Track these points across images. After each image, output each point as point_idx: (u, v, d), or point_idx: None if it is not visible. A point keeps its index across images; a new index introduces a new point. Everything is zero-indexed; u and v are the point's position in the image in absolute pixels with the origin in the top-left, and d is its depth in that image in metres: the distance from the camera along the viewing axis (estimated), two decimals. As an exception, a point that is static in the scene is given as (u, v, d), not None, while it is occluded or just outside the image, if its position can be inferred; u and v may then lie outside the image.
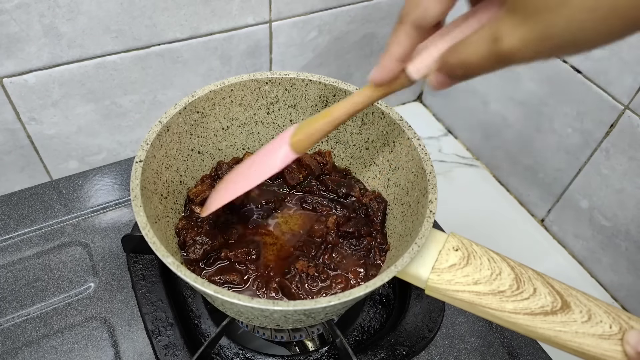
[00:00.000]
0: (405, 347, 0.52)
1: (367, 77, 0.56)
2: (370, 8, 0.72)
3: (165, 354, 0.49)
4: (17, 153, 0.62)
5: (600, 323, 0.38)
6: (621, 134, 0.57)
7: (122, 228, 0.60)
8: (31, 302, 0.53)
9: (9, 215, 0.60)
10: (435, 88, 0.32)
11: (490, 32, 0.26)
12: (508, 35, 0.25)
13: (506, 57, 0.26)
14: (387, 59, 0.33)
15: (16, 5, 0.51)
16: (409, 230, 0.46)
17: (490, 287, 0.40)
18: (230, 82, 0.51)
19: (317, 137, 0.41)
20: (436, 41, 0.31)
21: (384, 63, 0.34)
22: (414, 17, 0.30)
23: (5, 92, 0.56)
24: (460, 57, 0.29)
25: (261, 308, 0.36)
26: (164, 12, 0.58)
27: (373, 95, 0.37)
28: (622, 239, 0.61)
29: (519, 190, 0.75)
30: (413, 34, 0.31)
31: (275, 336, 0.54)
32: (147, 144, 0.45)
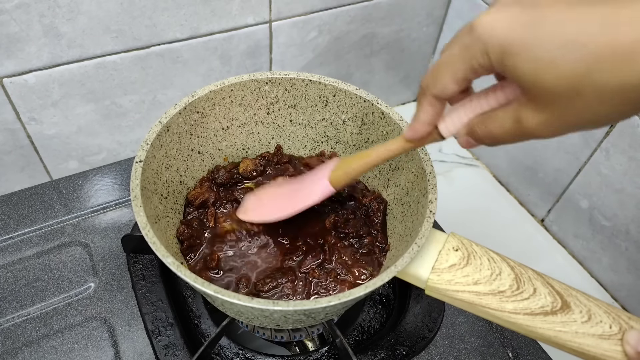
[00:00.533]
0: (405, 347, 0.52)
1: (366, 77, 0.56)
2: (370, 8, 0.72)
3: (165, 354, 0.49)
4: (17, 153, 0.62)
5: (600, 323, 0.38)
6: (621, 134, 0.57)
7: (122, 228, 0.60)
8: (31, 302, 0.53)
9: (9, 215, 0.60)
10: (464, 147, 0.36)
11: (513, 114, 0.30)
12: (529, 119, 0.29)
13: (528, 135, 0.30)
14: (418, 124, 0.36)
15: (16, 5, 0.51)
16: (409, 230, 0.46)
17: (490, 287, 0.40)
18: (230, 82, 0.51)
19: (353, 176, 0.45)
20: (465, 106, 0.34)
21: (414, 126, 0.37)
22: (434, 91, 0.33)
23: (5, 92, 0.56)
24: (487, 129, 0.32)
25: (261, 308, 0.36)
26: (164, 12, 0.58)
27: (406, 146, 0.40)
28: (622, 239, 0.61)
29: (519, 190, 0.75)
30: (435, 103, 0.34)
31: (275, 336, 0.54)
32: (147, 144, 0.45)
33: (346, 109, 0.54)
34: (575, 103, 0.26)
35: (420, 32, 0.80)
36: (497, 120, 0.31)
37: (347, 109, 0.54)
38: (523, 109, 0.29)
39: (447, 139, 0.37)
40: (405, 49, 0.81)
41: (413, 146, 0.39)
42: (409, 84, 0.88)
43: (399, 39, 0.79)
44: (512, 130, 0.30)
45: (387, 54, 0.80)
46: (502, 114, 0.31)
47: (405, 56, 0.82)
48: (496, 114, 0.31)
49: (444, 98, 0.34)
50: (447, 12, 0.79)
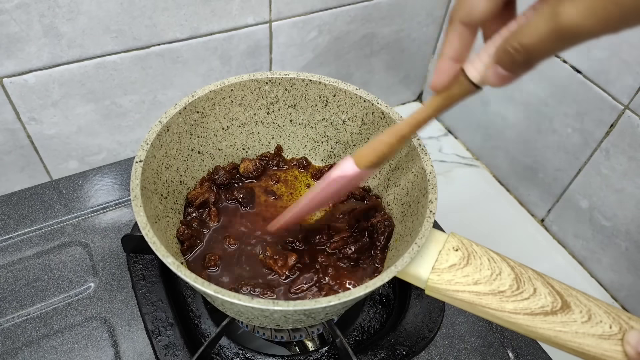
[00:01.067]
0: (405, 347, 0.52)
1: (366, 77, 0.56)
2: (370, 8, 0.72)
3: (165, 354, 0.49)
4: (17, 153, 0.62)
5: (600, 323, 0.38)
6: (621, 134, 0.57)
7: (122, 228, 0.60)
8: (31, 302, 0.53)
9: (9, 215, 0.60)
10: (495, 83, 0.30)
11: (549, 10, 0.25)
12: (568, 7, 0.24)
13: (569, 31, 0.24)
14: (442, 61, 0.32)
15: (16, 5, 0.51)
16: (409, 230, 0.46)
17: (490, 287, 0.40)
18: (230, 82, 0.51)
19: (381, 150, 0.39)
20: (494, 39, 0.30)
21: (439, 66, 0.32)
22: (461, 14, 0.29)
23: (5, 92, 0.56)
24: (520, 41, 0.27)
25: (261, 308, 0.36)
26: (164, 12, 0.58)
27: (435, 105, 0.35)
28: (622, 239, 0.61)
29: (519, 190, 0.75)
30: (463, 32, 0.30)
31: (275, 336, 0.54)
32: (147, 144, 0.45)
33: (346, 109, 0.54)
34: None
35: (420, 32, 0.80)
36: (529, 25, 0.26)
37: (347, 109, 0.54)
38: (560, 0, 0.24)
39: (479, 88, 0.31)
40: (405, 49, 0.81)
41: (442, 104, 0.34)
42: (409, 84, 0.88)
43: (399, 39, 0.79)
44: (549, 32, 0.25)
45: (387, 54, 0.80)
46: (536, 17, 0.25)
47: (405, 56, 0.82)
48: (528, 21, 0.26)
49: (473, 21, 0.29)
50: (447, 12, 0.79)
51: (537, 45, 0.26)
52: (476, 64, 0.31)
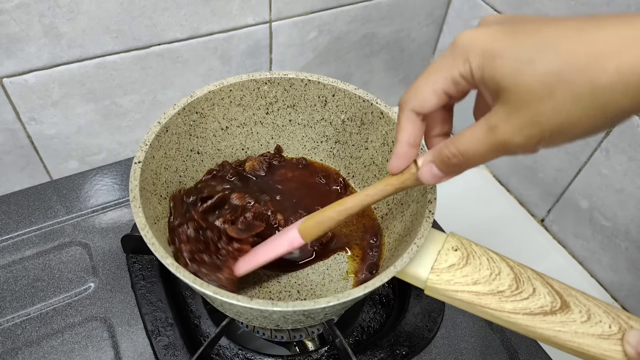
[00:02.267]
0: (405, 347, 0.52)
1: (366, 77, 0.56)
2: (370, 8, 0.72)
3: (165, 354, 0.49)
4: (17, 153, 0.62)
5: (599, 323, 0.38)
6: (621, 134, 0.57)
7: (122, 228, 0.60)
8: (31, 302, 0.53)
9: (9, 215, 0.60)
10: (427, 180, 0.34)
11: (486, 122, 0.29)
12: (502, 124, 0.28)
13: (501, 144, 0.28)
14: (398, 146, 0.35)
15: (16, 5, 0.51)
16: (408, 230, 0.46)
17: (490, 287, 0.40)
18: (229, 83, 0.51)
19: (326, 225, 0.42)
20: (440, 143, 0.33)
21: (397, 150, 0.36)
22: (412, 105, 0.33)
23: (5, 92, 0.56)
24: (457, 146, 0.31)
25: (260, 309, 0.36)
26: (164, 12, 0.58)
27: (385, 188, 0.38)
28: (622, 239, 0.61)
29: (519, 190, 0.75)
30: (414, 119, 0.34)
31: (275, 336, 0.54)
32: (146, 144, 0.45)
33: (345, 109, 0.54)
34: (549, 103, 0.26)
35: (420, 32, 0.80)
36: (468, 134, 0.30)
37: (346, 108, 0.54)
38: (496, 114, 0.28)
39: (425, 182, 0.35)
40: (405, 49, 0.81)
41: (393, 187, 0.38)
42: (408, 84, 0.88)
43: (399, 39, 0.79)
44: (484, 142, 0.29)
45: (387, 54, 0.80)
46: (474, 127, 0.30)
47: (405, 56, 0.82)
48: (467, 129, 0.30)
49: (423, 112, 0.33)
50: (447, 12, 0.79)
51: (473, 153, 0.30)
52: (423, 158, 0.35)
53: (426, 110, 0.33)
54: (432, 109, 0.33)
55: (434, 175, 0.34)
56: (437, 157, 0.33)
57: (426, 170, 0.34)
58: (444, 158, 0.32)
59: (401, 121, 0.34)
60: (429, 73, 0.32)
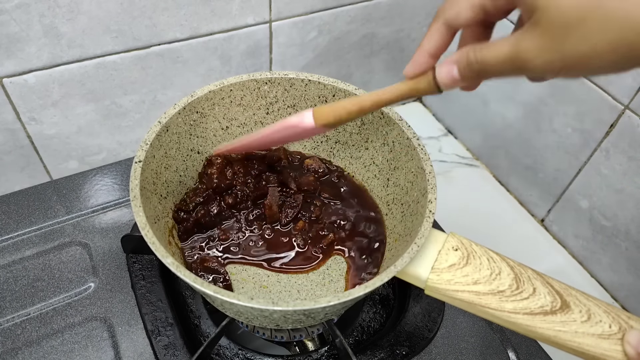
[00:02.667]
0: (405, 347, 0.52)
1: (366, 77, 0.55)
2: (370, 8, 0.72)
3: (165, 354, 0.49)
4: (17, 153, 0.62)
5: (599, 323, 0.38)
6: (621, 134, 0.57)
7: (122, 228, 0.60)
8: (31, 302, 0.53)
9: (9, 215, 0.60)
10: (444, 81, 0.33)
11: (514, 38, 0.29)
12: (527, 42, 0.28)
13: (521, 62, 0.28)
14: (419, 53, 0.35)
15: (16, 5, 0.51)
16: (409, 230, 0.46)
17: (490, 287, 0.40)
18: (229, 82, 0.52)
19: (338, 113, 0.41)
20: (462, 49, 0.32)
21: (415, 57, 0.35)
22: (447, 16, 0.32)
23: (5, 92, 0.56)
24: (481, 53, 0.30)
25: (260, 308, 0.36)
26: (164, 12, 0.58)
27: (401, 91, 0.38)
28: (622, 239, 0.61)
29: (519, 190, 0.75)
30: (444, 31, 0.33)
31: (275, 336, 0.54)
32: (147, 144, 0.45)
33: (346, 109, 0.54)
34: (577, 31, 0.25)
35: (420, 32, 0.80)
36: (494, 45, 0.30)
37: (347, 109, 0.54)
38: (524, 33, 0.28)
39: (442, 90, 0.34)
40: (405, 49, 0.81)
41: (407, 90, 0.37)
42: (409, 84, 0.88)
43: (399, 39, 0.79)
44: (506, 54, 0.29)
45: (387, 54, 0.80)
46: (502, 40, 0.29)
47: (405, 56, 0.82)
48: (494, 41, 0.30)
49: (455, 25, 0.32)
50: (447, 12, 0.79)
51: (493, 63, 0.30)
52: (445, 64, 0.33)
53: (460, 23, 0.32)
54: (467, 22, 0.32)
55: (452, 77, 0.33)
56: (461, 59, 0.32)
57: (446, 70, 0.33)
58: (468, 62, 0.31)
59: (431, 29, 0.34)
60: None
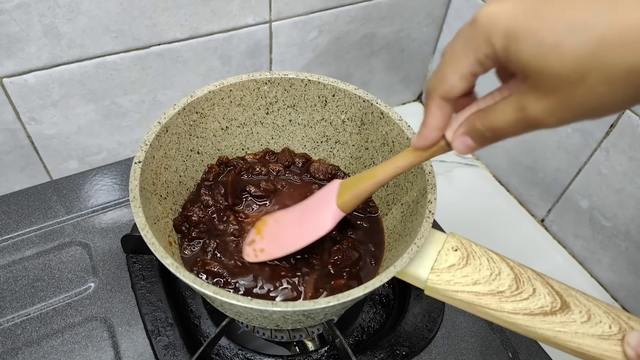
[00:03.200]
0: (404, 348, 0.52)
1: (366, 77, 0.54)
2: (370, 8, 0.72)
3: (165, 354, 0.49)
4: (17, 153, 0.62)
5: (599, 323, 0.38)
6: (621, 134, 0.57)
7: (122, 228, 0.60)
8: (31, 302, 0.53)
9: (9, 215, 0.60)
10: (461, 151, 0.34)
11: (516, 103, 0.28)
12: (533, 106, 0.27)
13: (533, 124, 0.28)
14: (426, 130, 0.35)
15: (16, 5, 0.51)
16: (408, 230, 0.46)
17: (490, 287, 0.40)
18: (229, 83, 0.51)
19: (363, 198, 0.43)
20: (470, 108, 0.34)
21: (423, 133, 0.35)
22: (441, 92, 0.32)
23: (5, 92, 0.56)
24: (488, 122, 0.31)
25: (260, 309, 0.36)
26: (164, 12, 0.58)
27: (415, 160, 0.38)
28: (622, 239, 0.61)
29: (519, 190, 0.75)
30: (443, 105, 0.33)
31: (275, 336, 0.54)
32: (146, 144, 0.45)
33: (345, 109, 0.54)
34: (580, 88, 0.25)
35: (420, 32, 0.80)
36: (498, 111, 0.30)
37: (347, 108, 0.54)
38: (526, 97, 0.28)
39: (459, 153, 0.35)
40: (405, 49, 0.81)
41: (421, 159, 0.38)
42: (408, 84, 0.88)
43: (399, 39, 0.79)
44: (515, 120, 0.29)
45: (387, 54, 0.80)
46: (504, 105, 0.29)
47: (405, 56, 0.82)
48: (498, 105, 0.30)
49: (452, 98, 0.32)
50: (447, 12, 0.79)
51: (505, 129, 0.30)
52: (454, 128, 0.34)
53: (455, 96, 0.32)
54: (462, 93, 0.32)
55: (468, 147, 0.34)
56: (471, 131, 0.33)
57: (460, 142, 0.34)
58: (478, 132, 0.32)
59: (431, 108, 0.34)
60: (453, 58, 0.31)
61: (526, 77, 0.27)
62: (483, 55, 0.29)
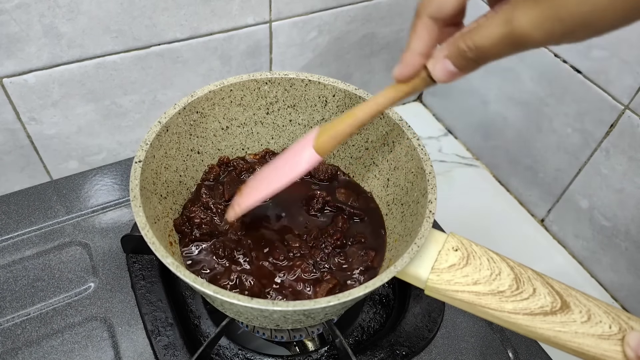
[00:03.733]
0: (404, 348, 0.52)
1: (366, 77, 0.54)
2: (370, 8, 0.72)
3: (165, 354, 0.49)
4: (17, 153, 0.62)
5: (599, 323, 0.38)
6: (621, 134, 0.57)
7: (122, 228, 0.60)
8: (31, 302, 0.53)
9: (9, 215, 0.60)
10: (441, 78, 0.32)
11: (503, 16, 0.27)
12: (520, 17, 0.26)
13: (518, 39, 0.26)
14: (408, 54, 0.33)
15: (16, 5, 0.51)
16: (409, 230, 0.46)
17: (490, 287, 0.40)
18: (229, 82, 0.52)
19: (340, 139, 0.41)
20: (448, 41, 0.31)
21: (405, 58, 0.33)
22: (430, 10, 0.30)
23: (5, 92, 0.56)
24: (473, 40, 0.28)
25: (260, 308, 0.36)
26: (164, 12, 0.58)
27: (396, 95, 0.36)
28: (622, 239, 0.61)
29: (519, 190, 0.75)
30: (431, 26, 0.31)
31: (275, 336, 0.54)
32: (147, 144, 0.45)
33: (346, 109, 0.54)
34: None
35: (420, 32, 0.80)
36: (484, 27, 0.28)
37: (347, 108, 0.54)
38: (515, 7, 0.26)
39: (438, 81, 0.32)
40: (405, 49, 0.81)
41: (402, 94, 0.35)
42: (409, 84, 0.88)
43: (399, 39, 0.79)
44: (500, 36, 0.27)
45: (387, 54, 0.80)
46: (491, 20, 0.27)
47: (405, 56, 0.82)
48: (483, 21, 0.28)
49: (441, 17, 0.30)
50: (447, 12, 0.79)
51: (490, 47, 0.28)
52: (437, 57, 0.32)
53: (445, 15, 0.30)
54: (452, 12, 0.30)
55: (449, 72, 0.31)
56: (453, 52, 0.30)
57: (440, 68, 0.31)
58: (461, 52, 0.29)
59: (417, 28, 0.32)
60: None
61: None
62: None
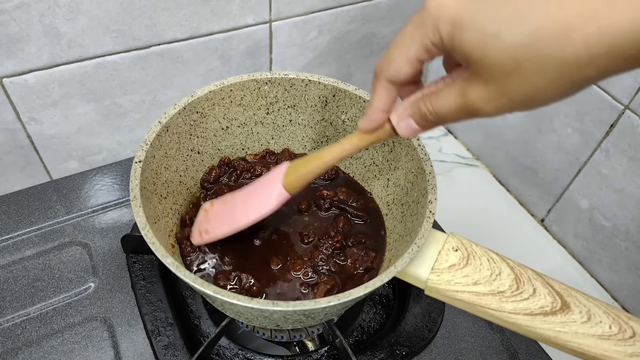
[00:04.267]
0: (405, 348, 0.52)
1: (366, 77, 0.54)
2: (370, 8, 0.72)
3: (165, 354, 0.49)
4: (17, 153, 0.62)
5: (600, 323, 0.38)
6: (621, 134, 0.57)
7: (122, 228, 0.60)
8: (31, 302, 0.53)
9: (9, 215, 0.60)
10: (405, 134, 0.36)
11: (458, 89, 0.30)
12: (472, 94, 0.29)
13: (472, 111, 0.30)
14: (371, 111, 0.36)
15: (16, 5, 0.51)
16: (409, 230, 0.46)
17: (490, 287, 0.40)
18: (229, 82, 0.51)
19: (309, 179, 0.43)
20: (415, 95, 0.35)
21: (369, 114, 0.37)
22: (387, 75, 0.34)
23: (5, 92, 0.56)
24: (431, 105, 0.32)
25: (260, 308, 0.36)
26: (164, 12, 0.58)
27: (360, 143, 0.39)
28: (622, 239, 0.61)
29: (519, 190, 0.75)
30: (389, 88, 0.34)
31: (275, 336, 0.54)
32: (147, 144, 0.45)
33: (346, 109, 0.54)
34: (516, 77, 0.26)
35: (420, 32, 0.80)
36: (442, 96, 0.31)
37: (347, 109, 0.54)
38: (468, 84, 0.29)
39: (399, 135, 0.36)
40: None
41: (366, 142, 0.39)
42: (409, 83, 0.88)
43: (399, 38, 0.79)
44: (456, 105, 0.30)
45: (387, 54, 0.80)
46: (447, 90, 0.31)
47: (405, 56, 0.82)
48: (441, 90, 0.32)
49: (398, 81, 0.34)
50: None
51: (446, 114, 0.32)
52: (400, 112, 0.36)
53: (401, 79, 0.33)
54: (407, 77, 0.33)
55: (412, 129, 0.35)
56: (416, 113, 0.34)
57: (405, 126, 0.35)
58: (422, 114, 0.33)
59: (377, 89, 0.35)
60: (402, 42, 0.32)
61: (468, 65, 0.28)
62: (430, 42, 0.30)
